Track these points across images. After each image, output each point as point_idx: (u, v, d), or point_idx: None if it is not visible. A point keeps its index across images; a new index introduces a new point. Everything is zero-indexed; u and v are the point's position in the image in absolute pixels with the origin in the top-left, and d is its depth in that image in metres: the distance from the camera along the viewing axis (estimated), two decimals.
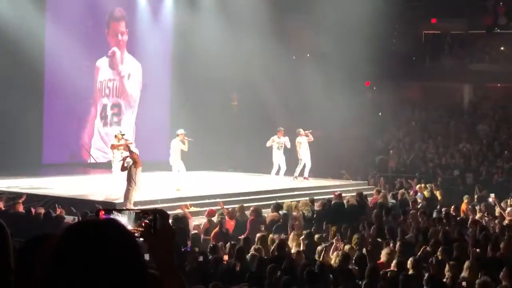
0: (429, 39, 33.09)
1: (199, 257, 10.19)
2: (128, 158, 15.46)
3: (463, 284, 8.19)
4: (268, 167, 21.49)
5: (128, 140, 17.11)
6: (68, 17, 22.76)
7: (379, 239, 12.26)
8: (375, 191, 19.64)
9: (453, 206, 17.17)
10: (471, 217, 15.71)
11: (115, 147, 16.67)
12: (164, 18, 26.16)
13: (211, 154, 23.95)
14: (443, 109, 30.51)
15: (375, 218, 14.75)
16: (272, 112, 27.54)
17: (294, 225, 13.80)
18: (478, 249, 11.01)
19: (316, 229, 13.87)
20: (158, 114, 25.83)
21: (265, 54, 25.22)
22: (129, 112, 25.37)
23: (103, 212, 2.26)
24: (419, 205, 17.94)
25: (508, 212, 16.02)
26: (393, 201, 18.15)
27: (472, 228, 13.69)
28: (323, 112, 26.17)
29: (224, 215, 14.32)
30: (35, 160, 21.85)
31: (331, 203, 16.55)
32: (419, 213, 15.54)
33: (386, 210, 15.50)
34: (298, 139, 21.53)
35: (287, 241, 12.05)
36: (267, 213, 15.35)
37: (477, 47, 30.97)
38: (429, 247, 11.29)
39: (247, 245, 11.23)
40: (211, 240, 12.88)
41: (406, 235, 12.84)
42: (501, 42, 30.66)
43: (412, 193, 20.68)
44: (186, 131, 18.65)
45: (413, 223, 14.55)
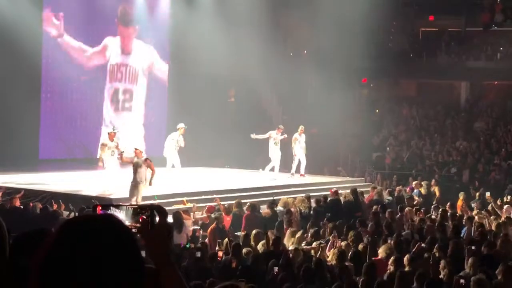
0: (426, 36, 33.10)
1: (196, 253, 10.21)
2: (135, 157, 15.40)
3: (461, 281, 8.20)
4: (265, 164, 21.49)
5: (120, 141, 17.00)
6: (66, 11, 22.74)
7: (376, 236, 12.29)
8: (371, 187, 19.67)
9: (449, 203, 17.22)
10: (467, 214, 15.74)
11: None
12: (161, 14, 26.12)
13: (208, 150, 23.96)
14: (440, 106, 30.52)
15: (372, 215, 14.78)
16: (269, 108, 27.58)
17: (292, 221, 13.83)
18: (474, 247, 11.02)
19: (312, 225, 13.87)
20: (155, 110, 25.82)
21: (262, 51, 25.20)
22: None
23: (100, 207, 2.26)
24: (415, 202, 17.98)
25: (504, 210, 16.06)
26: (390, 197, 18.18)
27: (467, 225, 13.72)
28: (319, 108, 26.20)
29: (221, 211, 14.33)
30: (31, 155, 21.82)
31: (326, 199, 16.57)
32: (415, 210, 15.58)
33: (382, 207, 15.53)
34: (295, 136, 21.53)
35: (283, 237, 12.06)
36: (263, 209, 15.37)
37: (474, 45, 30.98)
38: (424, 244, 11.32)
39: (247, 241, 11.24)
40: (207, 236, 12.91)
41: (402, 231, 12.87)
42: (498, 40, 30.66)
43: (408, 190, 20.71)
44: (187, 126, 18.70)
45: (409, 220, 14.59)
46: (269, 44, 25.28)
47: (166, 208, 12.13)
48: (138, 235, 2.19)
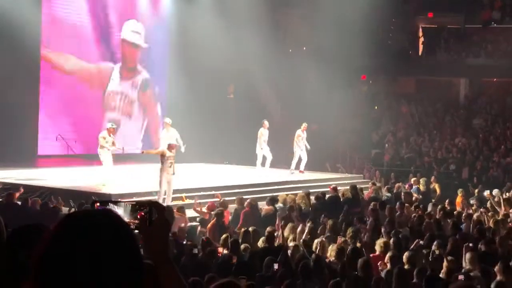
0: (425, 33, 33.09)
1: (193, 249, 10.21)
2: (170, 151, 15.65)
3: (460, 277, 8.21)
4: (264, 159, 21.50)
5: (114, 137, 17.04)
6: (64, 6, 22.73)
7: (375, 232, 12.29)
8: (370, 184, 19.67)
9: (447, 200, 17.22)
10: (466, 211, 15.75)
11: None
12: (161, 10, 26.10)
13: (207, 147, 23.95)
14: (439, 103, 30.53)
15: (370, 212, 14.77)
16: (268, 104, 27.57)
17: (292, 217, 13.83)
18: (471, 244, 11.03)
19: (312, 222, 13.86)
20: (155, 106, 25.83)
21: (262, 47, 25.18)
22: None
23: (98, 204, 2.26)
24: (413, 198, 17.98)
25: (503, 207, 16.06)
26: (388, 194, 18.18)
27: (466, 222, 13.73)
28: (319, 105, 26.19)
29: (221, 207, 14.31)
30: (30, 151, 21.78)
31: (325, 196, 16.57)
32: (413, 206, 15.58)
33: (381, 204, 15.52)
34: (298, 132, 21.57)
35: (280, 233, 12.04)
36: (262, 205, 15.36)
37: (473, 42, 30.99)
38: (423, 241, 11.33)
39: (247, 238, 11.23)
40: (207, 233, 12.90)
41: (401, 228, 12.86)
42: (497, 37, 30.67)
43: (407, 186, 20.72)
44: (171, 120, 18.65)
45: (408, 217, 14.59)
46: (268, 41, 25.26)
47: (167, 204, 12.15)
48: (137, 231, 2.19)
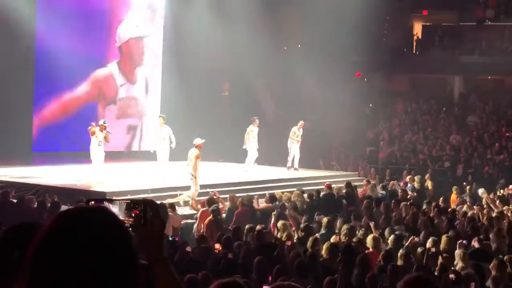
0: (420, 31, 33.11)
1: (187, 247, 10.21)
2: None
3: (451, 276, 8.23)
4: (259, 158, 21.49)
5: (109, 133, 17.04)
6: (60, 2, 22.70)
7: (369, 230, 12.31)
8: (365, 181, 19.69)
9: (442, 198, 17.26)
10: (460, 208, 15.79)
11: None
12: (156, 8, 26.05)
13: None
14: (433, 100, 30.58)
15: (364, 209, 14.80)
16: (263, 102, 27.57)
17: (284, 215, 13.83)
18: (465, 241, 11.07)
19: (306, 219, 13.89)
20: (149, 104, 25.79)
21: (256, 45, 25.17)
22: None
23: (93, 202, 2.26)
24: (408, 196, 18.01)
25: (496, 204, 16.11)
26: (383, 192, 18.20)
27: (460, 220, 13.77)
28: (313, 103, 26.20)
29: (218, 204, 14.31)
30: (24, 148, 21.73)
31: (319, 194, 16.58)
32: (408, 204, 15.60)
33: (376, 201, 15.54)
34: (295, 130, 21.59)
35: (275, 231, 12.05)
36: (261, 203, 15.40)
37: (467, 39, 31.03)
38: (417, 238, 11.36)
39: (237, 235, 11.24)
40: (204, 229, 12.91)
41: (395, 225, 12.89)
42: (491, 35, 30.71)
43: (402, 184, 20.77)
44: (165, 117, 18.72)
45: (403, 214, 14.60)
46: (263, 38, 25.24)
47: (159, 201, 12.15)
48: (131, 229, 2.19)
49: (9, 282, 2.42)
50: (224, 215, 14.35)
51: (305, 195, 16.43)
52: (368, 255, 9.77)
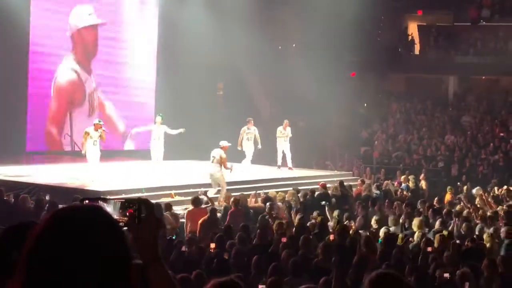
0: (415, 30, 33.14)
1: (182, 246, 10.21)
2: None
3: (445, 275, 8.25)
4: (253, 157, 21.47)
5: (105, 131, 17.01)
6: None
7: (364, 229, 12.33)
8: (359, 181, 19.70)
9: (436, 198, 17.28)
10: (454, 208, 15.81)
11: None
12: (150, 5, 26.00)
13: (196, 143, 23.89)
14: (428, 100, 30.62)
15: (360, 209, 14.81)
16: (258, 101, 27.56)
17: (277, 215, 13.84)
18: (459, 240, 11.10)
19: (300, 219, 13.87)
20: (143, 102, 25.75)
21: (251, 44, 25.15)
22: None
23: (87, 201, 2.26)
24: (403, 195, 18.04)
25: (491, 204, 16.14)
26: (378, 191, 18.22)
27: (454, 220, 13.79)
28: (308, 102, 26.21)
29: (212, 204, 14.30)
30: (18, 147, 21.65)
31: (313, 193, 16.59)
32: (404, 204, 15.62)
33: (372, 201, 15.56)
34: (280, 129, 21.58)
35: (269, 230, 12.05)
36: (257, 202, 15.42)
37: (462, 39, 31.08)
38: (412, 238, 11.38)
39: (229, 234, 11.23)
40: (198, 229, 12.89)
41: (390, 226, 12.91)
42: (486, 35, 30.77)
43: (396, 184, 20.78)
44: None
45: (397, 214, 14.63)
46: (258, 37, 25.23)
47: (154, 201, 12.13)
48: (126, 228, 2.19)
49: (8, 282, 2.42)
50: (220, 214, 14.36)
51: (300, 194, 16.44)
52: (363, 255, 9.77)
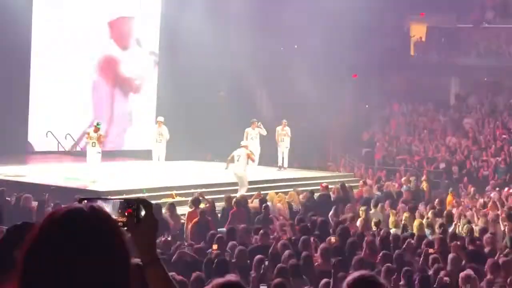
0: (417, 32, 33.13)
1: (183, 247, 10.20)
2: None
3: (446, 279, 8.23)
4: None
5: (102, 135, 17.04)
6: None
7: (364, 232, 12.31)
8: (361, 182, 19.69)
9: (437, 200, 17.25)
10: (456, 210, 15.80)
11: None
12: (151, 8, 26.01)
13: (196, 144, 23.92)
14: (429, 102, 30.60)
15: (361, 210, 14.79)
16: (259, 102, 27.57)
17: (278, 216, 13.83)
18: (460, 242, 11.08)
19: (301, 220, 13.86)
20: (144, 104, 25.78)
21: (253, 45, 25.16)
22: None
23: (86, 201, 2.24)
24: (404, 197, 18.01)
25: (490, 206, 16.10)
26: (379, 193, 18.20)
27: (455, 222, 13.78)
28: (310, 103, 26.20)
29: (206, 205, 14.27)
30: (19, 147, 21.67)
31: (314, 194, 16.58)
32: (403, 206, 15.61)
33: (374, 202, 15.55)
34: (278, 129, 21.63)
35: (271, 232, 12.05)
36: (255, 203, 15.40)
37: (464, 41, 31.06)
38: (413, 240, 11.36)
39: (231, 236, 11.23)
40: (189, 230, 12.87)
41: (391, 228, 12.90)
42: (488, 37, 30.75)
43: (397, 185, 20.76)
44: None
45: (397, 216, 14.62)
46: (259, 39, 25.24)
47: (154, 201, 12.12)
48: (124, 228, 2.17)
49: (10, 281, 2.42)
50: (219, 215, 14.36)
51: (301, 195, 16.43)
52: (363, 257, 9.77)
